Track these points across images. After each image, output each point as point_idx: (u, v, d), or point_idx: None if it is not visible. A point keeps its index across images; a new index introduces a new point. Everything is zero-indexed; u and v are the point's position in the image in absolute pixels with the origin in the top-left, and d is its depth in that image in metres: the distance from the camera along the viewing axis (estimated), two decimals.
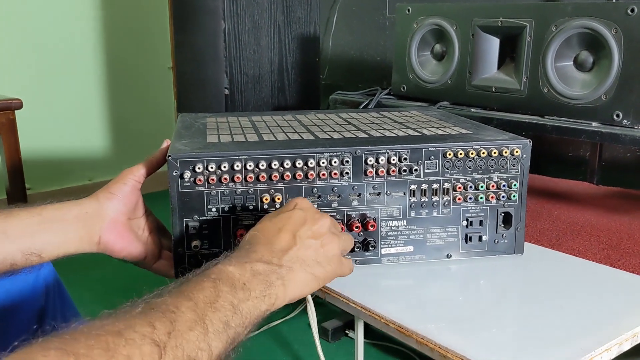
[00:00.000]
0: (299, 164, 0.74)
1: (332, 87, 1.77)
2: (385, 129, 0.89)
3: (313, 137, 0.83)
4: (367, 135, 0.84)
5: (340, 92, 1.59)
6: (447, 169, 0.78)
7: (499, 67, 1.25)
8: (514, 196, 0.80)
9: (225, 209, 0.74)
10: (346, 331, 1.63)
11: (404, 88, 1.43)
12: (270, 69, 1.82)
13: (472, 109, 1.26)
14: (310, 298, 0.70)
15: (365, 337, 1.50)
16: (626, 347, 0.63)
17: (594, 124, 1.07)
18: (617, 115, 1.03)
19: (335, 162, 0.75)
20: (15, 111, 1.73)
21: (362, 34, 2.20)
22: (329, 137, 0.83)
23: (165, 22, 2.69)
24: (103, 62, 2.76)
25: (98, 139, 2.81)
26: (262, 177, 0.74)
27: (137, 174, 0.76)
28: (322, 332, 1.66)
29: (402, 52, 1.41)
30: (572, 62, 1.11)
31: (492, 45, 1.24)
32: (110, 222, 0.73)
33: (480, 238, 0.81)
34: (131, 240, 0.75)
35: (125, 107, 2.86)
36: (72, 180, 2.73)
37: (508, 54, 1.23)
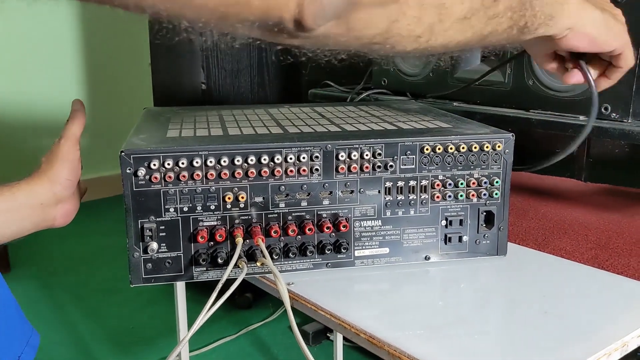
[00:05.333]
0: (264, 160, 0.69)
1: (314, 83, 1.72)
2: (360, 122, 0.84)
3: (282, 131, 0.77)
4: (339, 129, 0.79)
5: (320, 87, 1.54)
6: (425, 165, 0.73)
7: (482, 59, 1.20)
8: (496, 194, 0.75)
9: (184, 209, 0.68)
10: (327, 334, 1.58)
11: (384, 81, 1.38)
12: (249, 63, 1.76)
13: (455, 103, 1.21)
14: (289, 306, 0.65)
15: (346, 340, 1.44)
16: (615, 357, 0.59)
17: (581, 117, 1.02)
18: (606, 109, 0.98)
19: (304, 158, 0.70)
20: None
21: None
22: (299, 131, 0.78)
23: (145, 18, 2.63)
24: (81, 59, 2.68)
25: None
26: (225, 174, 0.68)
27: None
28: (303, 335, 1.60)
29: None
30: None
31: None
32: (63, 205, 0.74)
33: (460, 239, 0.76)
34: (77, 204, 0.77)
35: (104, 105, 2.78)
36: None
37: None
